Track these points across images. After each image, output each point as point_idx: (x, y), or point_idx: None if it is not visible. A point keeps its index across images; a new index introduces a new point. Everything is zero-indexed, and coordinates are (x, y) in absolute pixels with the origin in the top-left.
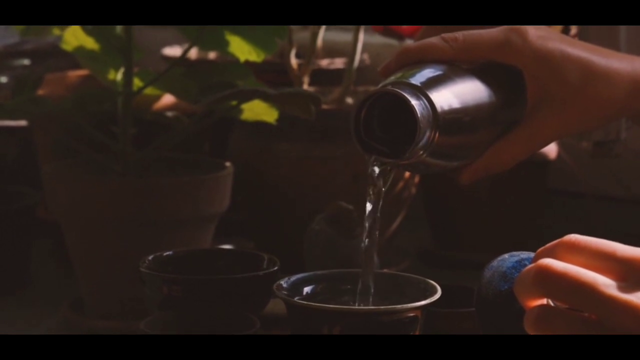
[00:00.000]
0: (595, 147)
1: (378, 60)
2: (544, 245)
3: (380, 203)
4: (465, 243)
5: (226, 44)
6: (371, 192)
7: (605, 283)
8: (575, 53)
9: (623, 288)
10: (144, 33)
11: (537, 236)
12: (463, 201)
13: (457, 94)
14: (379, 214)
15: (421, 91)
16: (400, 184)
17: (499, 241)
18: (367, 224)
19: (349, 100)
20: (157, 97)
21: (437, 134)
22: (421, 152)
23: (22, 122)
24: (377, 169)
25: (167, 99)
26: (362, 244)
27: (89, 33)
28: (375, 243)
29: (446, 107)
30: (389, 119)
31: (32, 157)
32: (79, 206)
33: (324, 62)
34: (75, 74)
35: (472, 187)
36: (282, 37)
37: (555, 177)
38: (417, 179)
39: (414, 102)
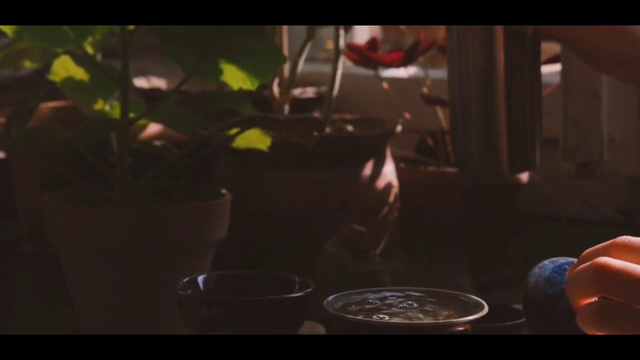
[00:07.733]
0: (578, 168)
1: (346, 90)
2: (514, 268)
3: None
4: (438, 266)
5: (220, 72)
6: None
7: None
8: None
9: None
10: None
11: (509, 259)
12: (435, 224)
13: None
14: None
15: None
16: (385, 209)
17: (470, 264)
18: None
19: (328, 129)
20: (143, 127)
21: None
22: None
23: None
24: None
25: (153, 128)
26: None
27: (79, 63)
28: None
29: None
30: None
31: (9, 190)
32: (80, 236)
33: (297, 92)
34: (47, 105)
35: (445, 209)
36: (279, 65)
37: (527, 201)
38: (398, 205)
39: None
